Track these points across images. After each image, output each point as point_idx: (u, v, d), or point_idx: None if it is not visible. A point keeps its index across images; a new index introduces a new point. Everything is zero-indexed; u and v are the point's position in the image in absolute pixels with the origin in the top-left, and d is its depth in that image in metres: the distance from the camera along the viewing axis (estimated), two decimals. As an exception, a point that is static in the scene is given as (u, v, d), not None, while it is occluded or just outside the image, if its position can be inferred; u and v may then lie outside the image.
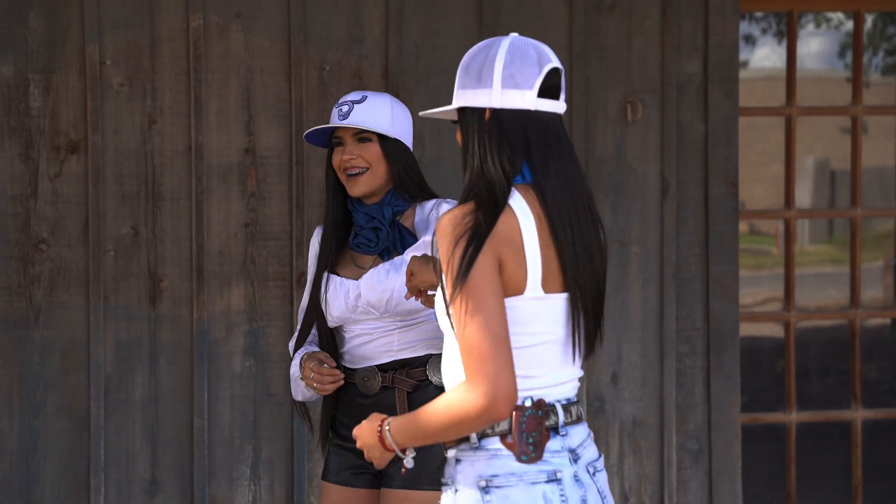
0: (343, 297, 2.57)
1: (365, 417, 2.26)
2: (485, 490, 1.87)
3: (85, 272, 3.45)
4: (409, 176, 2.58)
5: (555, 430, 1.92)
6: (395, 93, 3.54)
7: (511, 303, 1.89)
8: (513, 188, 1.92)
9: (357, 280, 2.55)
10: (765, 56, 4.22)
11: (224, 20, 3.48)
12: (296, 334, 2.70)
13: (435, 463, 2.39)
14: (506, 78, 1.95)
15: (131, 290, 3.46)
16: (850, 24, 4.10)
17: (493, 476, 1.88)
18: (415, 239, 2.57)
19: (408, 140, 2.62)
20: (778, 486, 3.97)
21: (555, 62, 1.98)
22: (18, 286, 3.45)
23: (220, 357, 3.48)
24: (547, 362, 1.93)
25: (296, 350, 2.69)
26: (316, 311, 2.64)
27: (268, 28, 3.49)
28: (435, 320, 2.45)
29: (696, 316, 3.67)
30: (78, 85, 3.43)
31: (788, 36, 3.93)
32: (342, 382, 2.53)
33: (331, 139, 2.64)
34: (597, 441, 3.65)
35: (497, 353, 1.83)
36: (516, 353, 1.89)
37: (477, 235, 1.85)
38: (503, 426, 1.89)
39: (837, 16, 4.26)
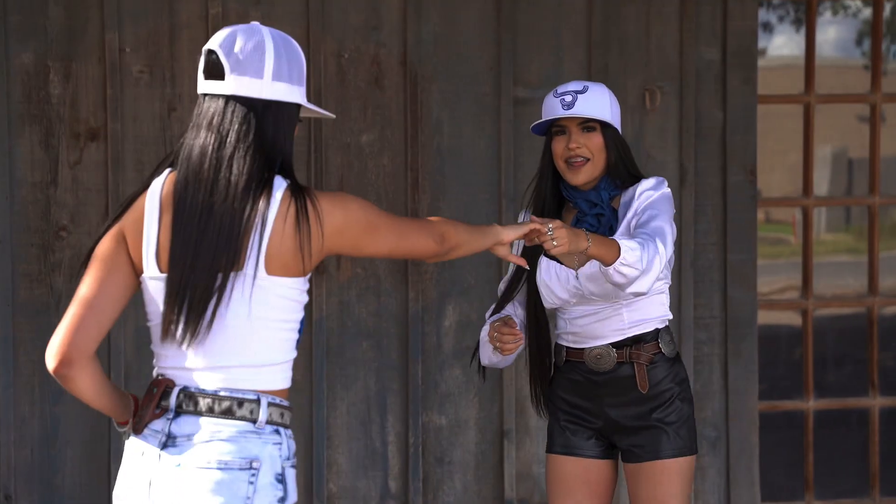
0: (563, 284, 2.63)
1: (597, 395, 2.63)
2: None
3: (105, 259, 3.46)
4: (623, 163, 2.64)
5: (167, 411, 1.93)
6: (413, 80, 3.55)
7: (143, 282, 1.98)
8: (167, 170, 1.99)
9: (575, 269, 2.59)
10: (783, 44, 4.21)
11: (243, 7, 3.48)
12: (493, 306, 2.75)
13: (681, 430, 2.62)
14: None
15: (151, 277, 3.47)
16: (868, 12, 4.09)
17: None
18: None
19: (620, 128, 2.67)
20: (795, 473, 3.97)
21: (212, 44, 1.96)
22: (39, 273, 3.47)
23: (240, 344, 3.50)
24: (163, 343, 1.96)
25: (491, 316, 2.74)
26: (529, 293, 2.69)
27: (286, 16, 3.49)
28: (658, 293, 2.60)
29: (714, 304, 3.67)
30: (97, 72, 3.44)
31: (807, 23, 3.91)
32: (521, 343, 2.58)
33: (550, 127, 2.66)
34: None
35: (71, 313, 1.94)
36: (150, 329, 2.00)
37: (117, 215, 1.99)
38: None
39: (856, 3, 4.24)
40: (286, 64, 1.96)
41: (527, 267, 2.44)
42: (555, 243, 2.34)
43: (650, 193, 2.59)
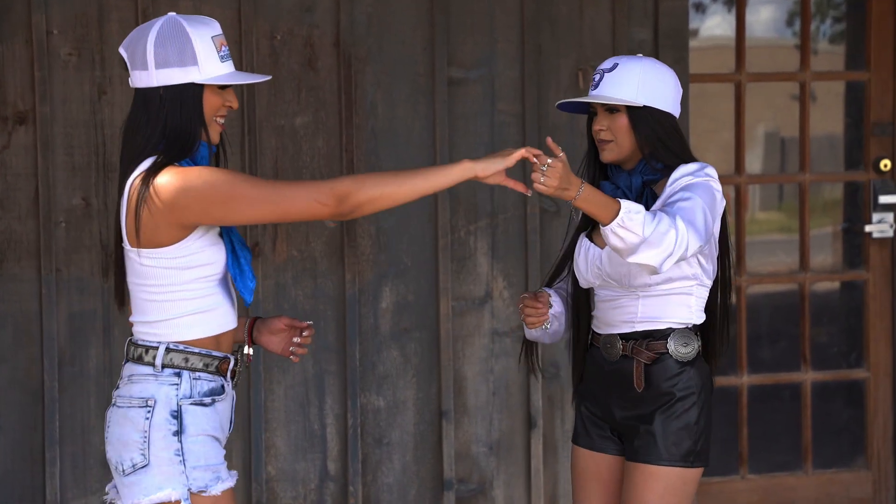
0: (590, 262, 2.55)
1: (606, 384, 2.56)
2: None
3: (36, 244, 3.42)
4: (661, 143, 2.48)
5: None
6: (347, 62, 3.53)
7: None
8: None
9: (603, 249, 2.52)
10: (714, 24, 4.25)
11: (173, -11, 3.45)
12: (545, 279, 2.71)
13: (677, 438, 2.48)
14: None
15: (83, 261, 3.43)
16: (798, -8, 4.14)
17: None
18: None
19: (666, 104, 2.49)
20: (730, 447, 4.03)
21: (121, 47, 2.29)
22: (-32, 259, 3.42)
23: (175, 328, 3.47)
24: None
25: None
26: (570, 271, 2.64)
27: (218, -3, 3.46)
28: (683, 293, 2.48)
29: (648, 282, 3.70)
30: (24, 55, 3.39)
31: (738, 3, 3.96)
32: (544, 318, 2.55)
33: (589, 106, 2.57)
34: (552, 406, 3.69)
35: None
36: None
37: None
38: None
39: (786, -17, 4.30)
40: (170, 49, 2.18)
41: (528, 192, 2.32)
42: (542, 180, 2.27)
43: (688, 179, 2.43)
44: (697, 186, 2.42)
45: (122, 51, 2.24)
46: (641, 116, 2.49)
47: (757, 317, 4.13)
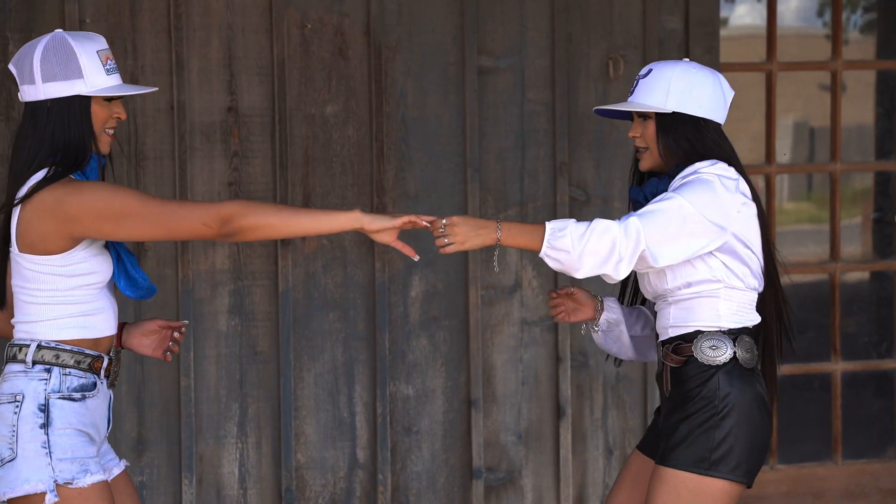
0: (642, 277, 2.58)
1: (658, 389, 2.55)
2: None
3: (68, 232, 3.43)
4: (683, 151, 2.44)
5: None
6: (378, 51, 3.54)
7: None
8: None
9: None
10: (744, 13, 4.24)
11: (204, -22, 3.46)
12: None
13: (690, 442, 2.42)
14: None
15: (115, 250, 3.45)
16: (829, -19, 4.12)
17: None
18: None
19: (700, 109, 2.43)
20: (759, 438, 4.02)
21: (10, 63, 2.39)
22: (1, 247, 3.44)
23: (206, 316, 3.49)
24: None
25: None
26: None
27: (248, -14, 3.47)
28: (709, 297, 2.44)
29: (678, 271, 3.69)
30: (58, 44, 3.41)
31: (769, -8, 3.94)
32: (563, 313, 2.59)
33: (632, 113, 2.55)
34: (581, 395, 3.69)
35: None
36: None
37: None
38: None
39: (816, -28, 4.27)
40: (55, 63, 2.26)
41: (415, 257, 2.38)
42: (447, 240, 2.33)
43: (685, 178, 2.41)
44: (688, 185, 2.38)
45: (11, 67, 2.33)
46: (669, 123, 2.45)
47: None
